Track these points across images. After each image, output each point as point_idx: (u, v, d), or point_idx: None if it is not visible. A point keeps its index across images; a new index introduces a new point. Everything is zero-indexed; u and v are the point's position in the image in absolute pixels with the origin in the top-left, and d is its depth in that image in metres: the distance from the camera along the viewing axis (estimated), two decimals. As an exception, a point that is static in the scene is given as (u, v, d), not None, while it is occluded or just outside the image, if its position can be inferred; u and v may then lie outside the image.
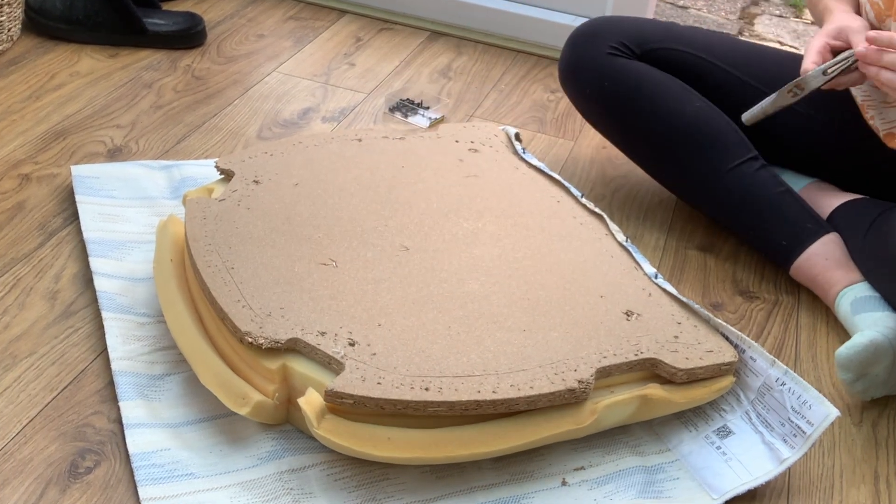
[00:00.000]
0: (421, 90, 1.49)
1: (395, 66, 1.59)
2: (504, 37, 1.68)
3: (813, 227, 1.11)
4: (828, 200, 1.18)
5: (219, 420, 0.86)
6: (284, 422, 0.85)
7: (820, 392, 1.00)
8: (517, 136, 1.21)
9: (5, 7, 1.41)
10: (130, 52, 1.50)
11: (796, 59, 1.25)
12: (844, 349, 0.93)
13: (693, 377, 0.87)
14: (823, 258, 1.09)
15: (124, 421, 0.84)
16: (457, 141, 1.18)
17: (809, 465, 0.91)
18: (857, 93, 1.13)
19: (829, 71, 1.02)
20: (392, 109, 1.44)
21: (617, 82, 1.18)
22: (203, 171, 1.20)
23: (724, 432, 0.88)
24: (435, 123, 1.42)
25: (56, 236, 1.08)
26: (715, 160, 1.15)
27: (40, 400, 0.87)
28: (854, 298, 1.04)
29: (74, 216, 1.12)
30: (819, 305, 1.12)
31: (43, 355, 0.92)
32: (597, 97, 1.21)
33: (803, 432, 0.84)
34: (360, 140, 1.14)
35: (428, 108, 1.44)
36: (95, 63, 1.46)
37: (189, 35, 1.54)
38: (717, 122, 1.17)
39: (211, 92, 1.43)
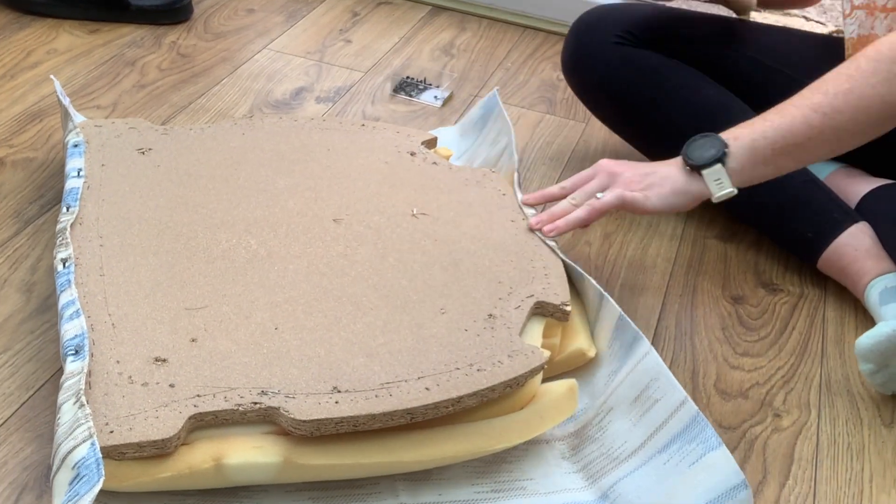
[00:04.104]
0: (422, 68, 1.48)
1: (395, 42, 1.57)
2: (510, 11, 1.67)
3: (840, 216, 1.10)
4: (856, 187, 1.17)
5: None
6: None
7: (849, 390, 1.00)
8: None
9: (-22, -20, 1.40)
10: (112, 28, 1.49)
11: (811, 38, 1.24)
12: (865, 338, 0.93)
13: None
14: (853, 249, 1.08)
15: None
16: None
17: (837, 468, 0.91)
18: None
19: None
20: (396, 89, 1.43)
21: (623, 71, 1.18)
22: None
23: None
24: (446, 102, 1.41)
25: (32, 224, 1.08)
26: None
27: (15, 399, 0.86)
28: (884, 288, 1.03)
29: (52, 202, 1.11)
30: (847, 299, 1.11)
31: (18, 351, 0.91)
32: (602, 88, 1.21)
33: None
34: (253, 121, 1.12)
35: (439, 86, 1.43)
36: (74, 40, 1.45)
37: (174, 10, 1.53)
38: (733, 108, 1.16)
39: (197, 70, 1.42)
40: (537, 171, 1.28)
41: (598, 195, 0.98)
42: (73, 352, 0.77)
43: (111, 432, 0.71)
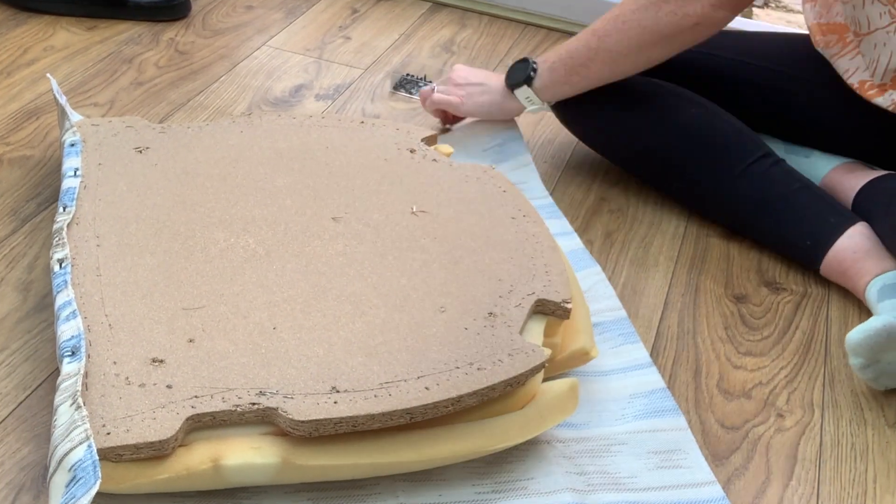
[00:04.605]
0: (423, 65, 1.48)
1: (395, 39, 1.57)
2: (511, 8, 1.67)
3: (836, 220, 1.10)
4: (855, 181, 1.18)
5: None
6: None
7: (853, 390, 1.00)
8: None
9: (-26, -24, 1.40)
10: (109, 25, 1.49)
11: (796, 38, 1.24)
12: (855, 332, 0.93)
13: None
14: (852, 252, 1.08)
15: None
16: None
17: (840, 469, 0.90)
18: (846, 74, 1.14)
19: None
20: (396, 87, 1.42)
21: (603, 98, 1.18)
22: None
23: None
24: None
25: (30, 222, 1.08)
26: (722, 166, 1.14)
27: (12, 399, 0.86)
28: (883, 285, 1.03)
29: (49, 200, 1.11)
30: (851, 298, 1.11)
31: (15, 351, 0.91)
32: (588, 115, 1.22)
33: None
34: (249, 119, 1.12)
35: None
36: (71, 36, 1.45)
37: (172, 6, 1.52)
38: (718, 124, 1.17)
39: (196, 68, 1.42)
40: (539, 168, 1.28)
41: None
42: (70, 353, 0.77)
43: (108, 434, 0.71)
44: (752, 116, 1.20)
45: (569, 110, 1.24)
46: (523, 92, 1.16)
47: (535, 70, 1.14)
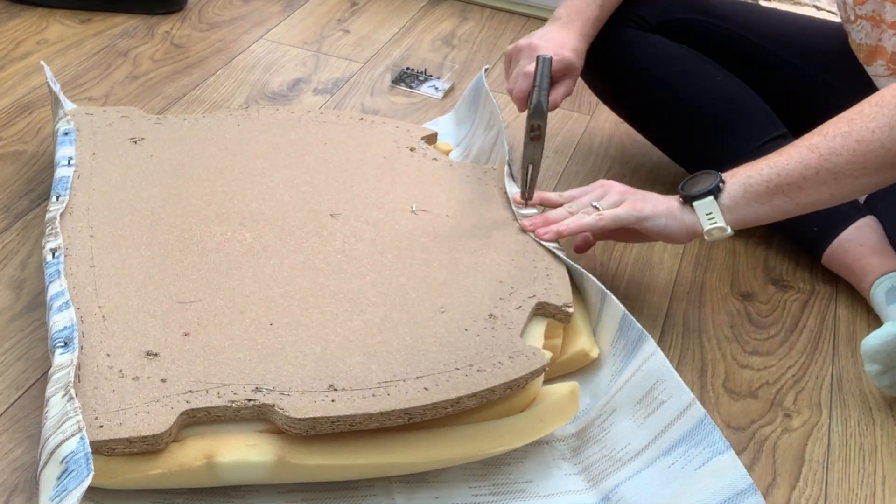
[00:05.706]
0: (423, 59, 1.48)
1: (394, 33, 1.57)
2: (513, 1, 1.67)
3: (847, 209, 1.10)
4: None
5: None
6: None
7: (861, 390, 1.00)
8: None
9: (-34, -32, 1.40)
10: (103, 18, 1.49)
11: (827, 27, 1.24)
12: (871, 338, 0.93)
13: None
14: (858, 244, 1.08)
15: None
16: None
17: (849, 470, 0.90)
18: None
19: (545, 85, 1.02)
20: (396, 81, 1.42)
21: (630, 57, 1.18)
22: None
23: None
24: (447, 94, 1.41)
25: (22, 219, 1.08)
26: (739, 139, 1.14)
27: (5, 399, 0.86)
28: (890, 287, 1.03)
29: (42, 197, 1.11)
30: (859, 296, 1.11)
31: (8, 350, 0.91)
32: (609, 74, 1.21)
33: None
34: (244, 114, 1.12)
35: (439, 78, 1.43)
36: (65, 29, 1.45)
37: (168, -1, 1.53)
38: (741, 97, 1.17)
39: (192, 61, 1.42)
40: (542, 163, 1.28)
41: (596, 204, 0.97)
42: (62, 344, 0.77)
43: (101, 427, 0.71)
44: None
45: (593, 64, 1.22)
46: (705, 206, 0.94)
47: (723, 182, 0.94)
